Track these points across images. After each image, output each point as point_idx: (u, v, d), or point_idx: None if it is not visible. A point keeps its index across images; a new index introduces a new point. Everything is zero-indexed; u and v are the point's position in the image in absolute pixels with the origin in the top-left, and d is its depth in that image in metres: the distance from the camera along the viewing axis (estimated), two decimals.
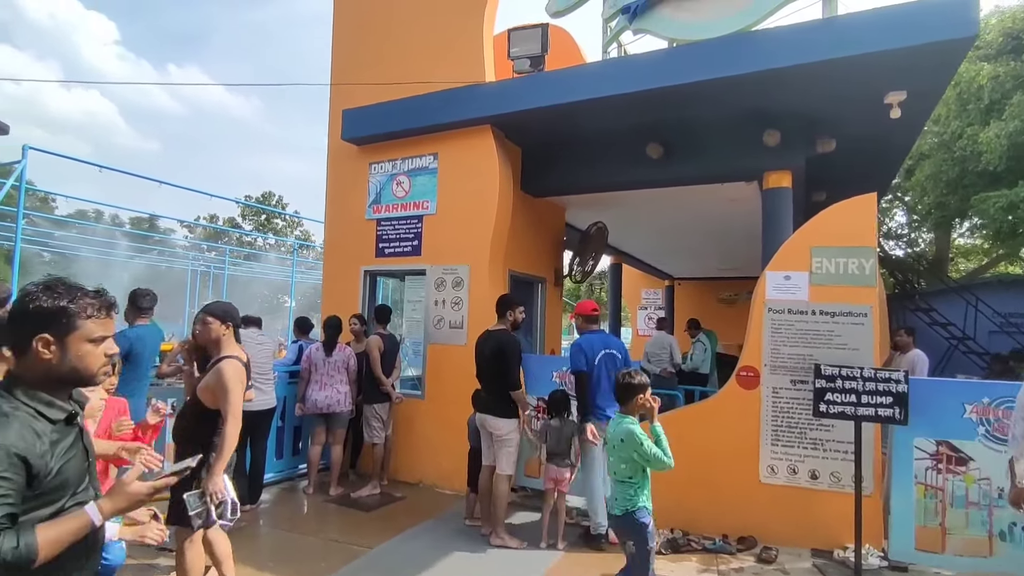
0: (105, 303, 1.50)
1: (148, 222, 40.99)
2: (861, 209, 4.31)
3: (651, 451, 2.92)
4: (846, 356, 4.20)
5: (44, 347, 1.40)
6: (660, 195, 6.45)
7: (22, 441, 1.31)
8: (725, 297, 14.60)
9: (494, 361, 4.39)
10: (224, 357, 2.95)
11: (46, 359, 1.41)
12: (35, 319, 1.40)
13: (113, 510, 1.44)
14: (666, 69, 4.77)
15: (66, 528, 1.35)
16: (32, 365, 1.41)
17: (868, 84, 4.49)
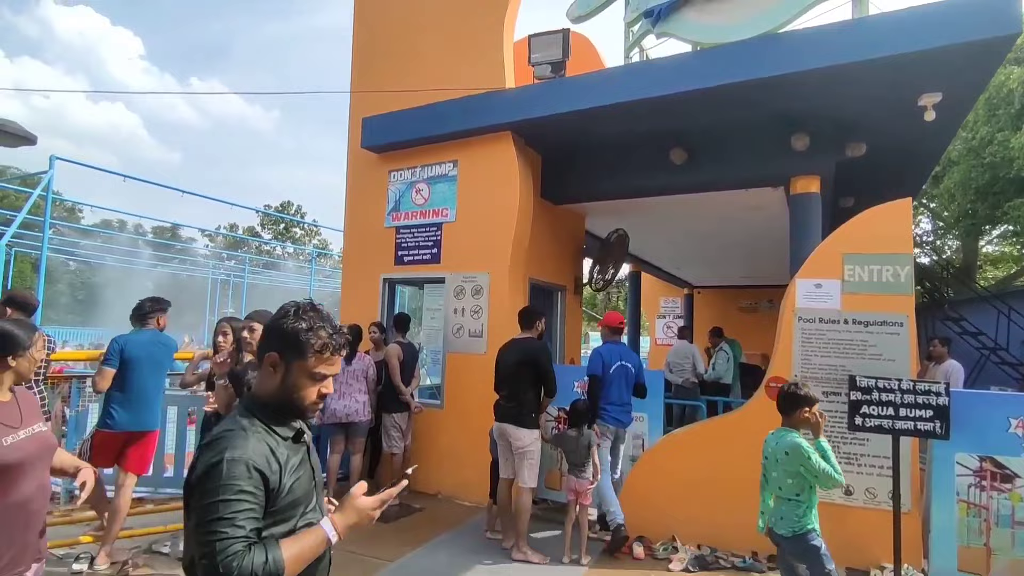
0: (337, 344, 1.46)
1: (170, 231, 41.93)
2: (896, 214, 4.16)
3: (819, 466, 2.75)
4: (881, 367, 4.04)
5: (271, 365, 1.42)
6: (683, 202, 6.34)
7: (260, 456, 1.31)
8: (745, 306, 14.36)
9: (521, 369, 4.32)
10: None
11: (271, 379, 1.43)
12: (275, 337, 1.43)
13: (346, 526, 1.43)
14: (691, 72, 4.68)
15: (307, 544, 1.34)
16: (265, 382, 1.44)
17: (901, 86, 4.35)
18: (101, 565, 3.75)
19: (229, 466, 1.25)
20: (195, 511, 1.25)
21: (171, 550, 4.16)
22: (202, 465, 1.27)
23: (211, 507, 1.22)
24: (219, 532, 1.20)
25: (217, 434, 1.34)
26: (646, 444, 5.19)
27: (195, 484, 1.27)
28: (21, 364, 2.27)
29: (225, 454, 1.26)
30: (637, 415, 5.14)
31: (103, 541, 3.85)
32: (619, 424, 4.74)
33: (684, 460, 4.59)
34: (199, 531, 1.22)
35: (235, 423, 1.37)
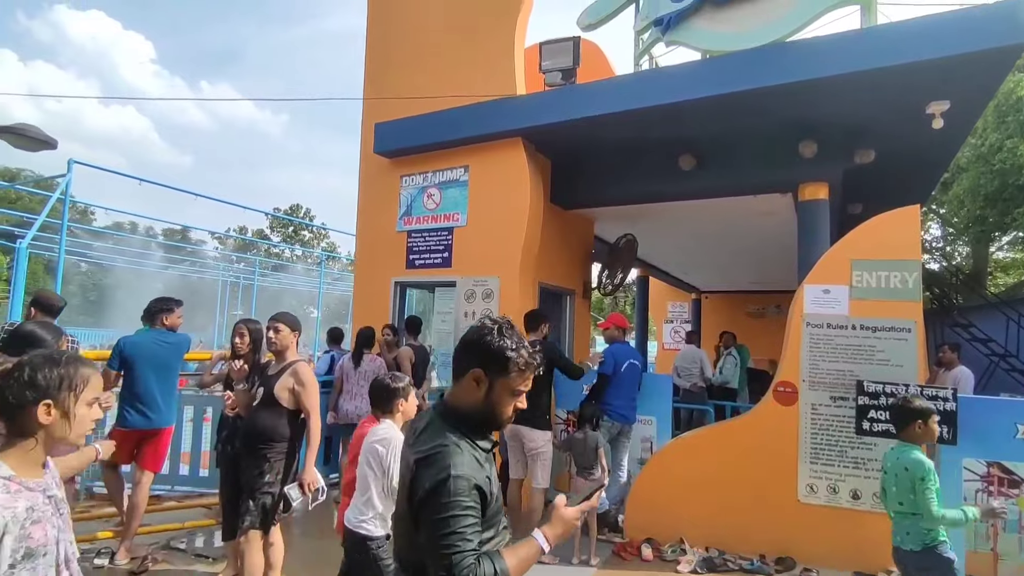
0: (533, 363, 1.53)
1: (180, 233, 42.29)
2: (904, 221, 4.21)
3: (930, 503, 2.63)
4: (889, 372, 4.08)
5: (476, 382, 1.48)
6: (691, 207, 6.39)
7: (477, 472, 1.38)
8: (753, 311, 14.37)
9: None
10: (297, 360, 3.34)
11: (474, 394, 1.49)
12: (479, 353, 1.49)
13: (555, 536, 1.48)
14: (700, 80, 4.74)
15: (525, 555, 1.41)
16: (462, 394, 1.51)
17: (909, 94, 4.39)
18: (121, 560, 3.84)
19: (455, 483, 1.33)
20: (426, 525, 1.33)
21: (187, 546, 4.25)
22: (429, 482, 1.34)
23: (443, 522, 1.31)
24: (454, 546, 1.28)
25: (433, 450, 1.40)
26: (654, 447, 5.25)
27: (425, 499, 1.34)
28: None
29: (451, 471, 1.34)
30: (645, 418, 5.20)
31: (122, 537, 3.94)
32: (624, 420, 4.84)
33: (692, 463, 4.64)
34: (434, 545, 1.31)
35: (445, 438, 1.42)
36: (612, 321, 5.17)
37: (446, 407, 1.52)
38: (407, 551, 1.49)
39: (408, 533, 1.43)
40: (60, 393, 1.43)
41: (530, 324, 4.67)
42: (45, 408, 1.40)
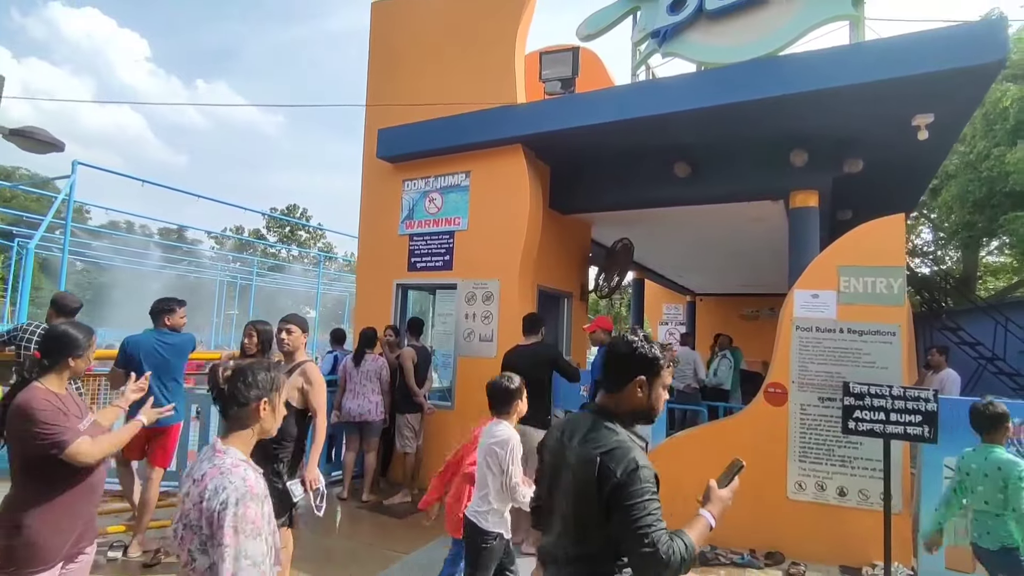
0: (669, 360, 1.77)
1: (176, 233, 42.21)
2: (890, 229, 4.38)
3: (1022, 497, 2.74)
4: (874, 374, 4.25)
5: (640, 388, 1.69)
6: (686, 213, 6.57)
7: (649, 462, 1.59)
8: (746, 313, 14.55)
9: (536, 372, 4.58)
10: (306, 361, 3.40)
11: (639, 398, 1.69)
12: (638, 363, 1.70)
13: (718, 513, 1.69)
14: (695, 92, 4.92)
15: (700, 531, 1.60)
16: (626, 400, 1.71)
17: (895, 107, 4.58)
18: (134, 553, 3.97)
19: (643, 473, 1.53)
20: (622, 510, 1.52)
21: None
22: (620, 472, 1.53)
23: (639, 507, 1.51)
24: (653, 526, 1.49)
25: (614, 445, 1.60)
26: (649, 446, 5.39)
27: (618, 487, 1.52)
28: (78, 364, 2.50)
29: (639, 463, 1.54)
30: None
31: (135, 531, 4.07)
32: None
33: (685, 461, 4.79)
34: (632, 527, 1.50)
35: (619, 435, 1.63)
36: (597, 324, 5.29)
37: (604, 410, 1.73)
38: (578, 545, 1.65)
39: (587, 525, 1.62)
40: (271, 393, 1.77)
41: (529, 327, 4.82)
42: (263, 405, 1.74)
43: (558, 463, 1.76)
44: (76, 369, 2.49)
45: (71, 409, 2.40)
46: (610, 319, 5.50)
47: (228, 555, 1.46)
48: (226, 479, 1.55)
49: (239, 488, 1.54)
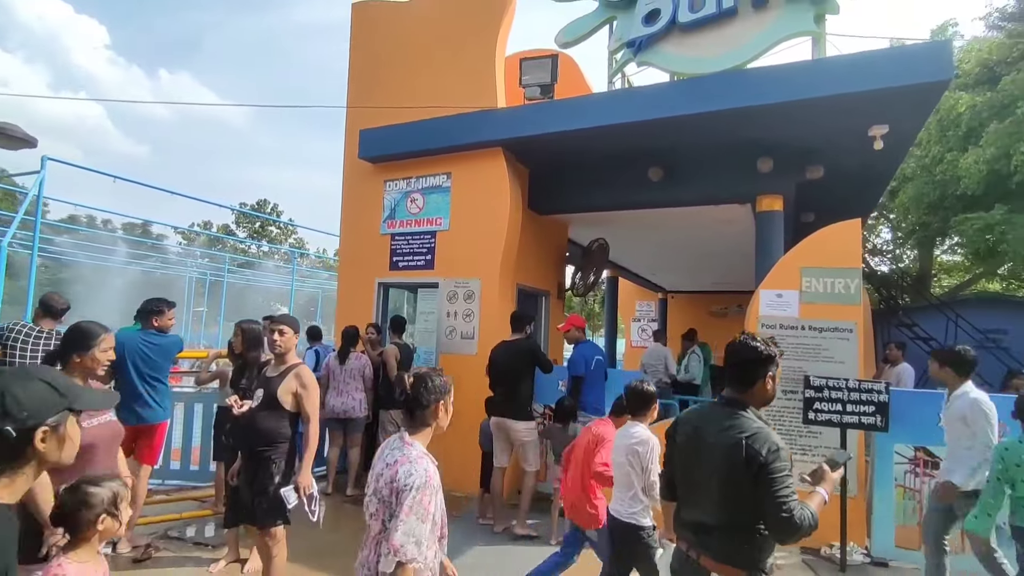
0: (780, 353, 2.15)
1: (141, 228, 40.95)
2: (847, 233, 4.70)
3: None
4: (833, 369, 4.57)
5: (770, 381, 2.07)
6: (659, 215, 6.83)
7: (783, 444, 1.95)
8: (716, 310, 14.96)
9: (517, 366, 4.88)
10: (299, 363, 3.37)
11: (768, 390, 2.07)
12: (766, 362, 2.06)
13: (828, 490, 2.04)
14: (668, 101, 5.16)
15: (818, 504, 1.96)
16: (758, 393, 2.07)
17: (853, 118, 4.89)
18: (123, 549, 4.03)
19: (782, 453, 1.89)
20: (767, 484, 1.86)
21: (182, 536, 4.45)
22: (766, 452, 1.87)
23: (780, 480, 1.86)
24: (789, 497, 1.84)
25: (756, 431, 1.94)
26: None
27: (765, 465, 1.86)
28: (84, 361, 2.58)
29: (778, 444, 1.91)
30: None
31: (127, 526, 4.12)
32: (597, 413, 5.24)
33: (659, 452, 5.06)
34: (775, 497, 1.84)
35: (755, 422, 1.99)
36: (571, 323, 5.51)
37: (736, 401, 2.07)
38: (725, 514, 2.00)
39: (734, 498, 1.95)
40: (445, 396, 2.10)
41: (516, 324, 5.09)
42: (442, 407, 2.09)
43: (696, 448, 2.12)
44: (84, 366, 2.55)
45: None
46: (582, 317, 5.72)
47: (401, 528, 1.84)
48: (413, 467, 1.92)
49: (421, 477, 1.90)
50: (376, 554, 1.94)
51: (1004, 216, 10.26)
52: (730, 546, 2.00)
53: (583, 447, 3.44)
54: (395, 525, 1.85)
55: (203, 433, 5.41)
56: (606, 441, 3.29)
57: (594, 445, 3.34)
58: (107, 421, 2.56)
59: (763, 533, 1.93)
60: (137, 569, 3.92)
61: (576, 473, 3.44)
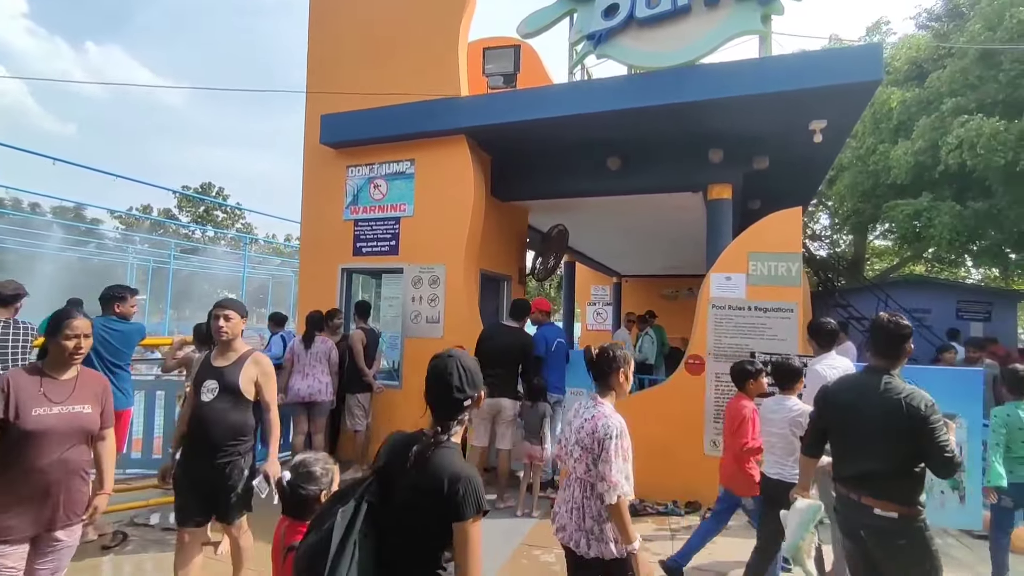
0: None
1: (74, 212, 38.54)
2: (789, 220, 5.07)
3: None
4: (776, 345, 4.95)
5: (909, 350, 2.52)
6: (616, 202, 7.10)
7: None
8: (667, 293, 15.52)
9: (516, 353, 5.21)
10: (252, 350, 3.22)
11: (905, 357, 2.52)
12: (908, 335, 2.52)
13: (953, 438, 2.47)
14: (626, 93, 5.39)
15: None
16: (901, 360, 2.53)
17: (795, 113, 5.26)
18: (91, 536, 4.01)
19: (936, 406, 2.34)
20: (928, 433, 2.29)
21: (147, 520, 4.46)
22: (925, 408, 2.32)
23: (940, 428, 2.29)
24: (948, 441, 2.29)
25: (910, 391, 2.38)
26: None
27: (925, 418, 2.30)
28: (54, 348, 2.56)
29: (932, 400, 2.36)
30: (576, 390, 5.87)
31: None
32: (559, 392, 5.52)
33: None
34: (938, 443, 2.27)
35: (905, 383, 2.44)
36: (536, 306, 5.73)
37: (883, 369, 2.50)
38: (892, 463, 2.39)
39: (898, 449, 2.37)
40: (626, 366, 2.55)
41: (518, 312, 5.41)
42: (622, 374, 2.53)
43: (857, 410, 2.51)
44: (54, 353, 2.52)
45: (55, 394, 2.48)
46: (548, 301, 5.94)
47: (613, 468, 2.30)
48: (610, 420, 2.39)
49: (618, 427, 2.37)
50: (580, 491, 2.43)
51: (931, 203, 11.08)
52: (892, 487, 2.39)
53: (729, 423, 3.72)
54: (608, 467, 2.30)
55: (166, 422, 5.36)
56: (746, 419, 3.57)
57: (737, 424, 3.60)
58: (72, 413, 2.50)
59: (917, 474, 2.36)
60: (107, 555, 3.92)
61: (728, 446, 3.73)
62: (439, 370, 1.82)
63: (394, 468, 1.72)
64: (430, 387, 1.82)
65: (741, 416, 3.60)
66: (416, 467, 1.67)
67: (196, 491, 3.04)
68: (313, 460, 2.21)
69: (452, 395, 1.77)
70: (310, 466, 2.19)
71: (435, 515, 1.64)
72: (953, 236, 10.73)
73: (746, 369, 3.69)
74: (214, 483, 3.02)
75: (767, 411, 3.50)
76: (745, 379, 3.71)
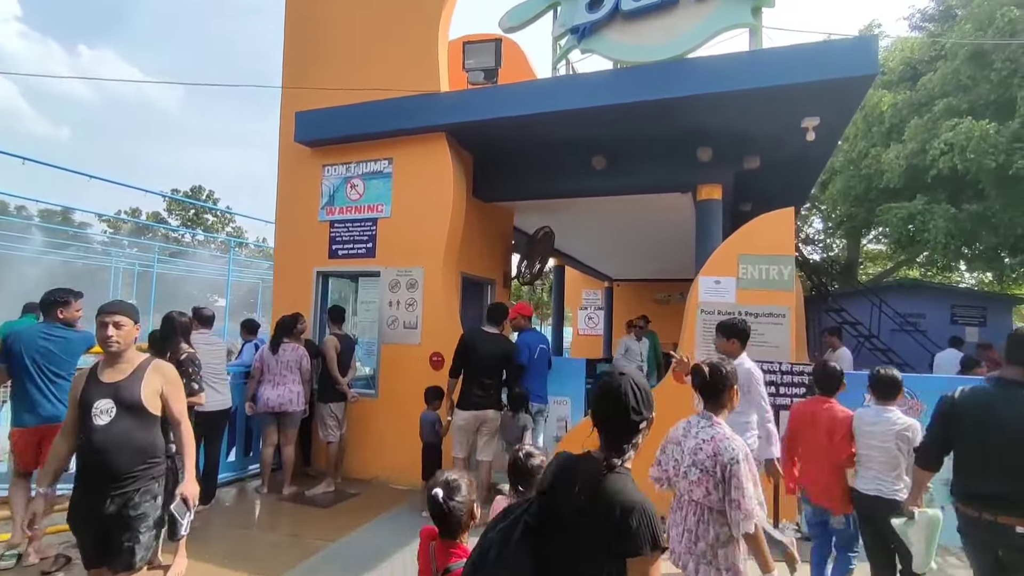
0: None
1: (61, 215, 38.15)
2: (781, 222, 4.84)
3: None
4: (767, 352, 4.71)
5: None
6: (603, 203, 6.87)
7: None
8: (659, 298, 15.29)
9: (503, 362, 4.94)
10: (150, 358, 2.80)
11: None
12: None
13: None
14: (611, 89, 5.15)
15: None
16: None
17: (787, 110, 5.04)
18: (32, 560, 3.71)
19: None
20: None
21: None
22: None
23: None
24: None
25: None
26: (569, 425, 5.68)
27: None
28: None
29: None
30: (560, 399, 5.63)
31: (32, 538, 3.79)
32: (540, 401, 5.26)
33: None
34: None
35: None
36: (518, 311, 5.47)
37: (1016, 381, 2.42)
38: None
39: None
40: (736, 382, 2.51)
41: (496, 317, 5.10)
42: (735, 391, 2.50)
43: (985, 423, 2.42)
44: None
45: None
46: (530, 306, 5.69)
47: (746, 495, 2.21)
48: (733, 443, 2.30)
49: (742, 450, 2.28)
50: (694, 515, 2.37)
51: (925, 206, 10.93)
52: None
53: (824, 433, 3.37)
54: (741, 494, 2.21)
55: None
56: (850, 429, 3.31)
57: (842, 434, 3.31)
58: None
59: None
60: None
61: (822, 458, 3.37)
62: (612, 390, 1.66)
63: (560, 491, 1.58)
64: (600, 408, 1.69)
65: (847, 425, 3.33)
66: (586, 492, 1.53)
67: (90, 532, 2.60)
68: (457, 474, 2.20)
69: (628, 417, 1.63)
70: (457, 480, 2.15)
71: (603, 545, 1.49)
72: (948, 239, 10.57)
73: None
74: (108, 522, 2.54)
75: (863, 423, 3.25)
76: (838, 384, 3.49)
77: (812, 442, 3.44)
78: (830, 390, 3.45)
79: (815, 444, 3.42)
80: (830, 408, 3.43)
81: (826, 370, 3.46)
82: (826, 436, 3.36)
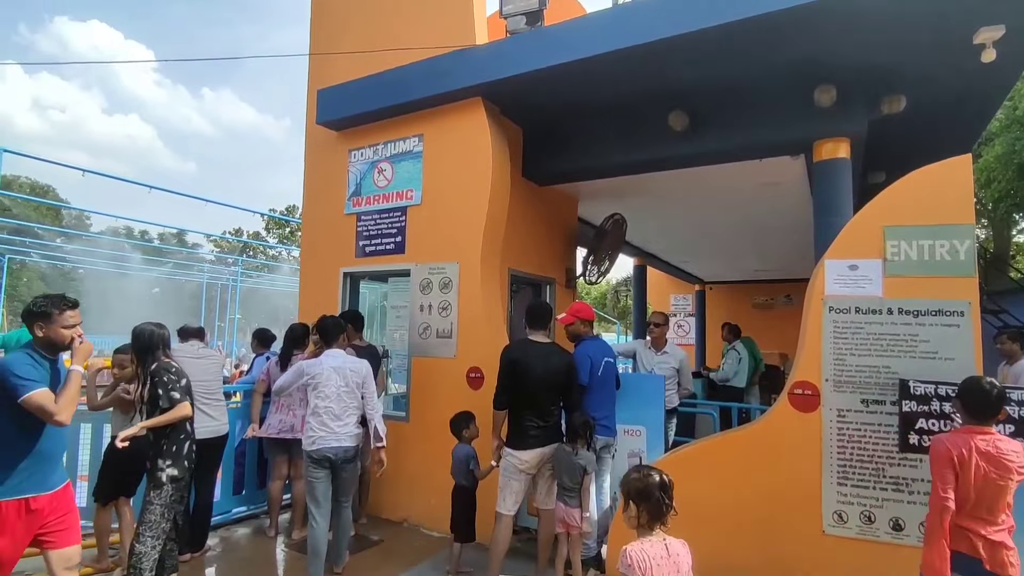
0: None
1: (176, 237, 41.86)
2: (952, 174, 3.28)
3: None
4: (938, 368, 3.17)
5: None
6: (685, 178, 5.50)
7: None
8: (760, 302, 13.52)
9: (562, 380, 3.68)
10: None
11: None
12: None
13: None
14: (685, 11, 3.82)
15: None
16: None
17: (956, 13, 3.48)
18: None
19: None
20: None
21: None
22: None
23: None
24: None
25: None
26: (644, 462, 4.34)
27: None
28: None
29: None
30: (633, 429, 4.30)
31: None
32: (608, 433, 3.94)
33: (688, 483, 3.71)
34: None
35: None
36: (575, 313, 4.15)
37: None
38: None
39: None
40: None
41: (538, 320, 3.82)
42: None
43: None
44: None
45: None
46: (590, 307, 4.40)
47: None
48: None
49: None
50: None
51: None
52: None
53: (984, 471, 2.36)
54: None
55: (91, 464, 4.26)
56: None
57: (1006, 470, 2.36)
58: None
59: None
60: None
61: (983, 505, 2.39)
62: None
63: None
64: None
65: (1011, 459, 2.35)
66: None
67: None
68: None
69: None
70: None
71: None
72: None
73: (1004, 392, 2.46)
74: None
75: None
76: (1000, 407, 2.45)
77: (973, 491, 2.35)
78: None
79: (974, 491, 2.35)
80: (981, 444, 2.36)
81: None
82: (996, 484, 2.34)
